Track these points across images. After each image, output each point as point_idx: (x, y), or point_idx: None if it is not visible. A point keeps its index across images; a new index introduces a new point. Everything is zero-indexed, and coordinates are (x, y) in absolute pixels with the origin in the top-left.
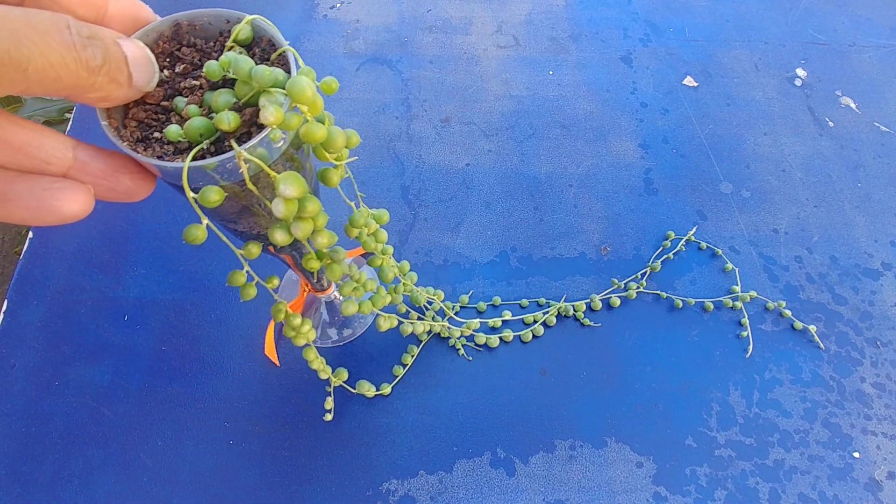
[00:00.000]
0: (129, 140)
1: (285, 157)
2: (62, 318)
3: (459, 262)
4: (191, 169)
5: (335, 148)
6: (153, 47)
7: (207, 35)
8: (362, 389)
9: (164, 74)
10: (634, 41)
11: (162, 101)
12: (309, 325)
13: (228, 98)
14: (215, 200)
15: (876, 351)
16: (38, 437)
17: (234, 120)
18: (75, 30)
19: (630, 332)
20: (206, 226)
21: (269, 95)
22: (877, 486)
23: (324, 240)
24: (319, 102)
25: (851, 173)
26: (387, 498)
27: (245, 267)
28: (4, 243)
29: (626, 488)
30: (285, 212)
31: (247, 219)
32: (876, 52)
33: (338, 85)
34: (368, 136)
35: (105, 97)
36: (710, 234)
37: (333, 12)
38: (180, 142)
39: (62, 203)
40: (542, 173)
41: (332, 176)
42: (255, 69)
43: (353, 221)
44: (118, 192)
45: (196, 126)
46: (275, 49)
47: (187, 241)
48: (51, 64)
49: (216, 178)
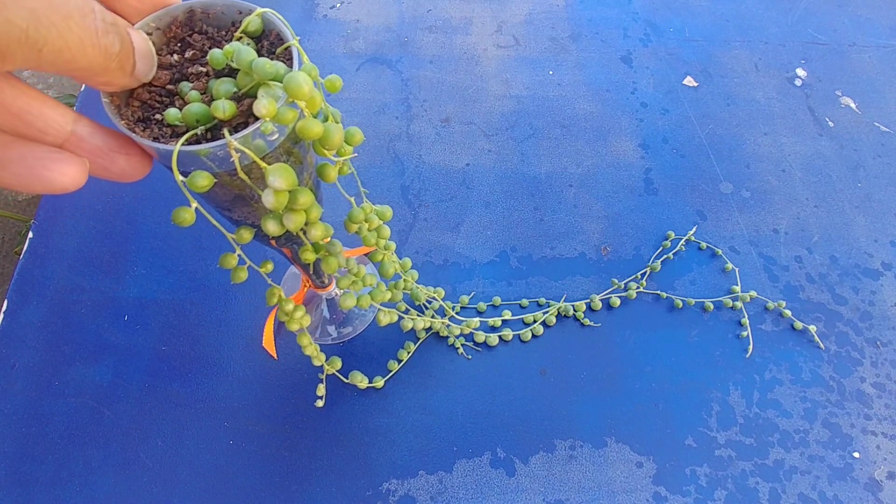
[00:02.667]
0: (128, 119)
1: (283, 149)
2: (62, 318)
3: (459, 261)
4: (184, 154)
5: (331, 145)
6: (166, 31)
7: (220, 24)
8: (355, 380)
9: (173, 59)
10: (634, 41)
11: (168, 85)
12: (302, 311)
13: (229, 87)
14: (203, 186)
15: (876, 351)
16: (38, 437)
17: (230, 109)
18: (100, 16)
19: (630, 332)
20: (195, 209)
21: (268, 88)
22: (877, 486)
23: (317, 232)
24: (318, 98)
25: (851, 173)
26: (387, 498)
27: (237, 250)
28: (4, 243)
29: (626, 488)
30: (275, 203)
31: (241, 207)
32: (876, 52)
33: (341, 83)
34: (368, 136)
35: (108, 82)
36: (710, 234)
37: (333, 12)
38: (178, 125)
39: (52, 174)
40: (542, 173)
41: (330, 172)
42: (257, 61)
43: (352, 217)
44: (111, 172)
45: (193, 111)
46: (282, 43)
47: (176, 222)
48: (67, 47)
49: (210, 164)
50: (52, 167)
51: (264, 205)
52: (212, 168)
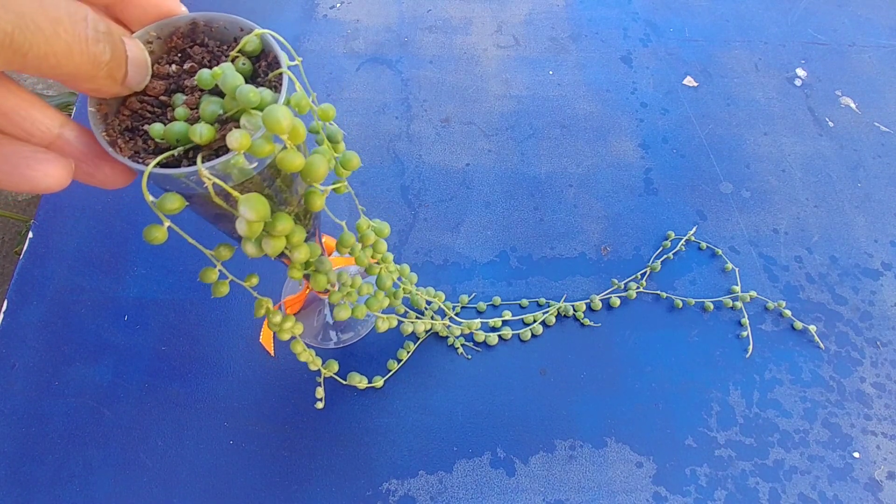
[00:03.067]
0: (114, 129)
1: (272, 171)
2: (62, 318)
3: (459, 262)
4: (157, 174)
5: (315, 178)
6: (167, 40)
7: (222, 38)
8: (353, 381)
9: (171, 69)
10: (634, 41)
11: (161, 96)
12: (292, 321)
13: (216, 109)
14: (172, 209)
15: (876, 351)
16: (38, 437)
17: (208, 134)
18: (92, 24)
19: (630, 332)
20: (167, 227)
21: (250, 117)
22: (877, 486)
23: (301, 255)
24: (300, 131)
25: (851, 173)
26: (387, 498)
27: (218, 265)
28: (4, 243)
29: (626, 488)
30: (248, 231)
31: (223, 223)
32: (876, 52)
33: (335, 112)
34: (368, 136)
35: (96, 89)
36: (710, 234)
37: (333, 12)
38: (163, 141)
39: (36, 173)
40: (542, 173)
41: (316, 200)
42: (241, 88)
43: (343, 241)
44: (95, 178)
45: (175, 131)
46: (279, 66)
47: (147, 240)
48: (53, 52)
49: (189, 184)
50: (37, 167)
51: (238, 232)
52: (194, 189)
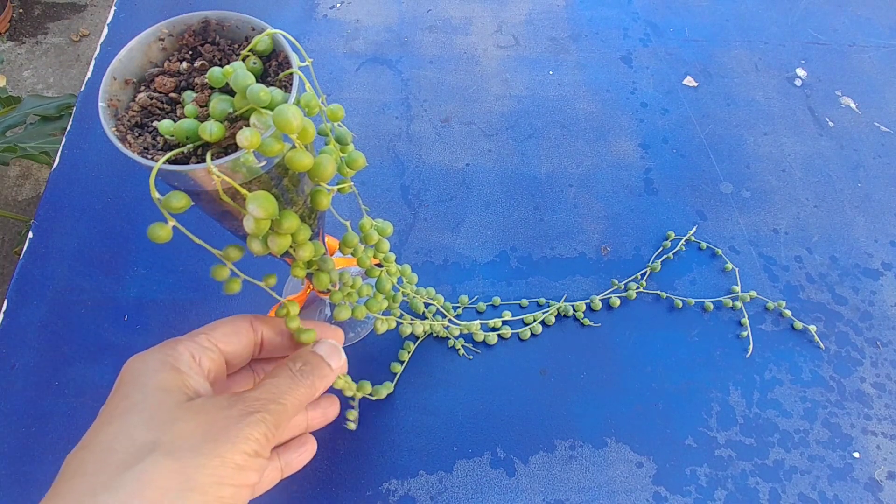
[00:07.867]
0: (124, 125)
1: (280, 170)
2: (62, 318)
3: (459, 262)
4: (166, 170)
5: (322, 178)
6: (179, 38)
7: (234, 37)
8: (379, 395)
9: (182, 66)
10: (634, 41)
11: (171, 93)
12: None
13: (226, 107)
14: (178, 207)
15: (876, 351)
16: (38, 437)
17: (218, 132)
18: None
19: (630, 332)
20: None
21: (260, 115)
22: (877, 486)
23: (305, 253)
24: (310, 131)
25: (851, 173)
26: (387, 498)
27: (228, 264)
28: (4, 243)
29: (626, 488)
30: (255, 229)
31: (230, 221)
32: (876, 52)
33: (343, 113)
34: (368, 136)
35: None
36: (710, 234)
37: (333, 12)
38: (172, 137)
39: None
40: (542, 173)
41: (323, 199)
42: (252, 87)
43: (346, 241)
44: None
45: (185, 128)
46: (290, 65)
47: (151, 238)
48: None
49: (197, 182)
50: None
51: (245, 229)
52: (199, 186)
